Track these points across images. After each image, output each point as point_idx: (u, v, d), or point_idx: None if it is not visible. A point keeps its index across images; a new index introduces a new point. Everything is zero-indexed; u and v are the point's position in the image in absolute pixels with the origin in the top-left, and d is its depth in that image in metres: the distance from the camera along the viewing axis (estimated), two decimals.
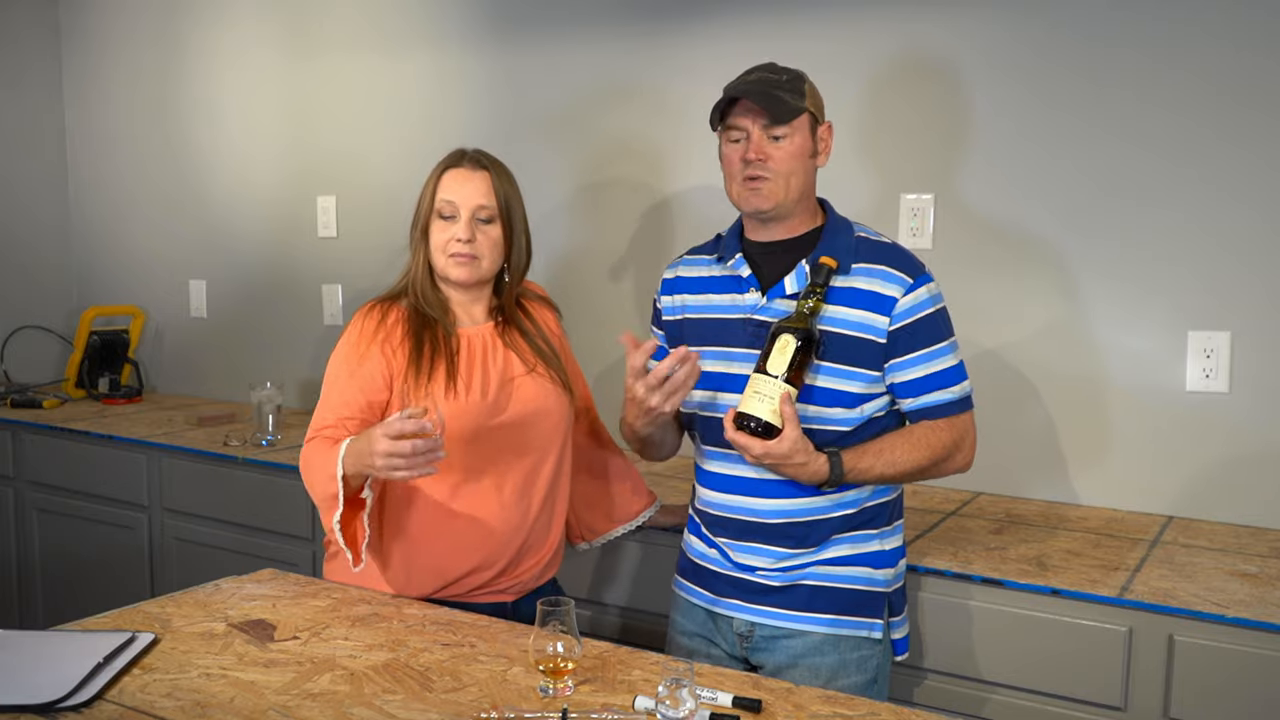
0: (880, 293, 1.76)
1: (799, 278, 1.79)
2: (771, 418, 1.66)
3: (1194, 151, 2.29)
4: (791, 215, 1.82)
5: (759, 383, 1.67)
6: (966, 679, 2.00)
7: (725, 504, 1.84)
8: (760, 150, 1.77)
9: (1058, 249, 2.43)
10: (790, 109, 1.77)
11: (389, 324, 1.95)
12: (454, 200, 1.95)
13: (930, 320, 1.77)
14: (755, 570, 1.81)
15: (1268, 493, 2.27)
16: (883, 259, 1.78)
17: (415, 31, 3.29)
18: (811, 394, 1.75)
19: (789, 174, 1.78)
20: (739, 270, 1.84)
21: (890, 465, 1.76)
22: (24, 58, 4.01)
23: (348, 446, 1.75)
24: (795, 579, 1.80)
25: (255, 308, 3.72)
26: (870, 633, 1.81)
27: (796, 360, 1.66)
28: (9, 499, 3.47)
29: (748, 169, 1.78)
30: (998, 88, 2.47)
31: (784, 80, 1.80)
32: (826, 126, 1.85)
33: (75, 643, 1.59)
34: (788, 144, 1.78)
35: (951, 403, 1.80)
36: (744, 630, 1.84)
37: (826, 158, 1.85)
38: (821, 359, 1.75)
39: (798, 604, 1.80)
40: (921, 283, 1.77)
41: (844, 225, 1.84)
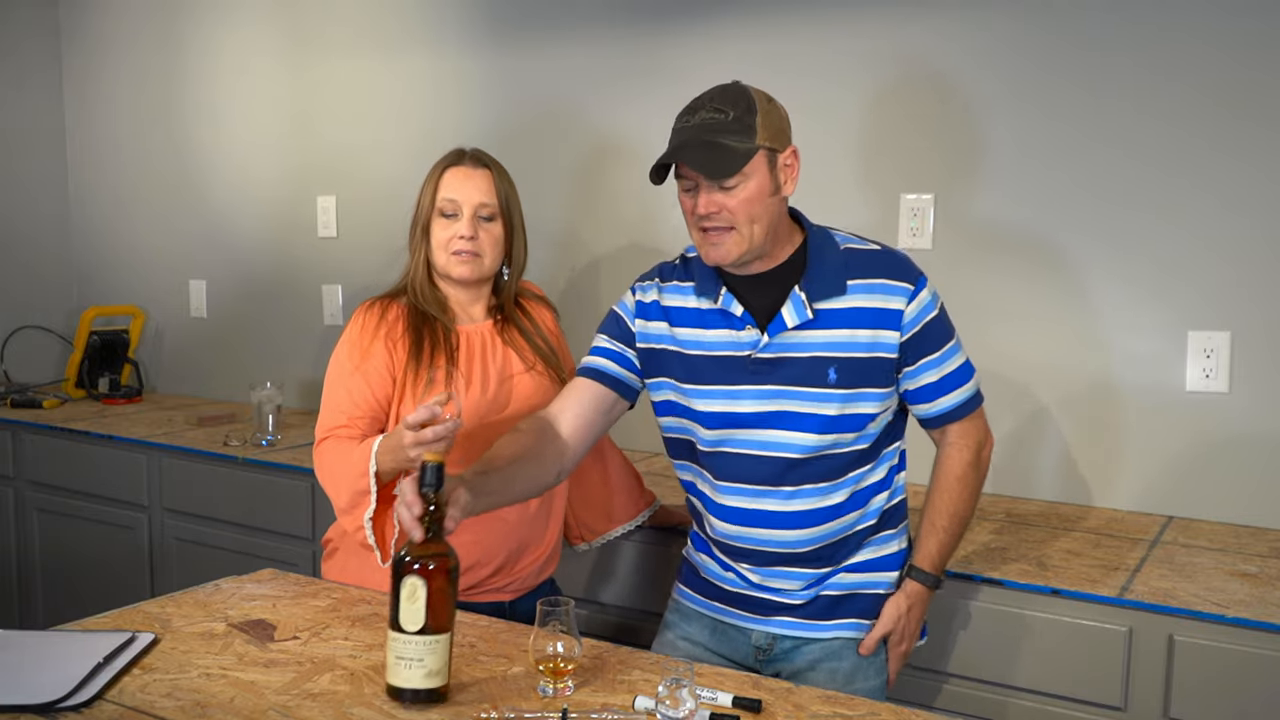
0: (885, 307, 1.70)
1: (797, 308, 1.69)
2: (429, 680, 1.39)
3: (1194, 152, 2.29)
4: (765, 253, 1.71)
5: (398, 645, 1.39)
6: (966, 679, 2.00)
7: (748, 536, 1.76)
8: (711, 203, 1.64)
9: (1058, 249, 2.43)
10: (736, 157, 1.61)
11: (389, 320, 1.95)
12: (456, 198, 1.95)
13: (937, 323, 1.74)
14: (779, 592, 1.79)
15: (1268, 493, 2.27)
16: (878, 270, 1.72)
17: (415, 32, 3.29)
18: (832, 423, 1.70)
19: (750, 221, 1.64)
20: (730, 308, 1.73)
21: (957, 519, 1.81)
22: (24, 58, 4.01)
23: (381, 443, 1.76)
24: (816, 592, 1.78)
25: (255, 308, 3.72)
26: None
27: (434, 601, 1.38)
28: (9, 499, 3.47)
29: (703, 222, 1.66)
30: (997, 89, 2.47)
31: (729, 120, 1.63)
32: (790, 152, 1.68)
33: (75, 643, 1.59)
34: (741, 191, 1.63)
35: (969, 400, 1.78)
36: (764, 643, 1.81)
37: (794, 185, 1.69)
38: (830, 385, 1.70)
39: (819, 614, 1.78)
40: (921, 286, 1.72)
41: (827, 242, 1.74)
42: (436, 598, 1.38)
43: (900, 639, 1.79)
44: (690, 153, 1.64)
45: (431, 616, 1.38)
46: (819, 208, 2.62)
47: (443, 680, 1.41)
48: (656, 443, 2.91)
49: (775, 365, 1.71)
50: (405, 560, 1.38)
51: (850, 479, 1.74)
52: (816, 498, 1.73)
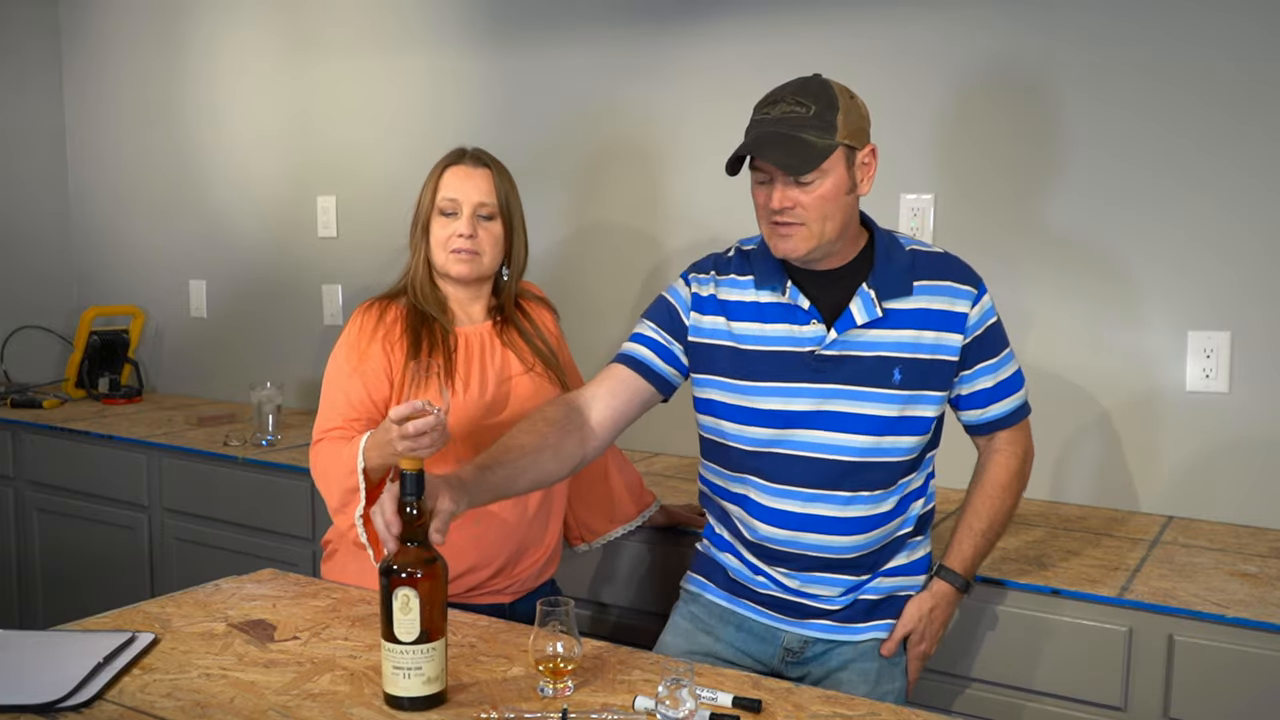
0: (950, 310, 1.70)
1: (867, 306, 1.67)
2: (429, 687, 1.39)
3: (1199, 150, 2.29)
4: (835, 251, 1.69)
5: (395, 656, 1.38)
6: (967, 679, 2.00)
7: (794, 541, 1.73)
8: (786, 198, 1.61)
9: (1058, 249, 2.43)
10: (816, 154, 1.59)
11: (388, 321, 1.95)
12: (456, 197, 1.95)
13: (996, 328, 1.76)
14: (817, 597, 1.77)
15: (1268, 493, 2.27)
16: (943, 273, 1.72)
17: (415, 32, 3.29)
18: (890, 424, 1.68)
19: (823, 218, 1.62)
20: (797, 301, 1.69)
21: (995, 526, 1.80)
22: (24, 58, 4.01)
23: (369, 439, 1.76)
24: (854, 597, 1.78)
25: (255, 308, 3.72)
26: None
27: (427, 609, 1.37)
28: (9, 499, 3.47)
29: (774, 215, 1.63)
30: (997, 89, 2.47)
31: (810, 115, 1.60)
32: (869, 150, 1.67)
33: (75, 643, 1.59)
34: (817, 188, 1.61)
35: (1019, 409, 1.80)
36: (795, 645, 1.79)
37: (870, 184, 1.67)
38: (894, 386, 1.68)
39: (855, 617, 1.78)
40: (984, 291, 1.74)
41: (893, 242, 1.74)
42: (429, 605, 1.37)
43: (920, 639, 1.78)
44: (769, 148, 1.61)
45: (426, 624, 1.37)
46: None
47: (441, 684, 1.41)
48: (656, 443, 2.92)
49: (838, 363, 1.68)
50: (394, 572, 1.38)
51: (901, 485, 1.74)
52: (870, 505, 1.72)
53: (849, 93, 1.66)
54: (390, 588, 1.37)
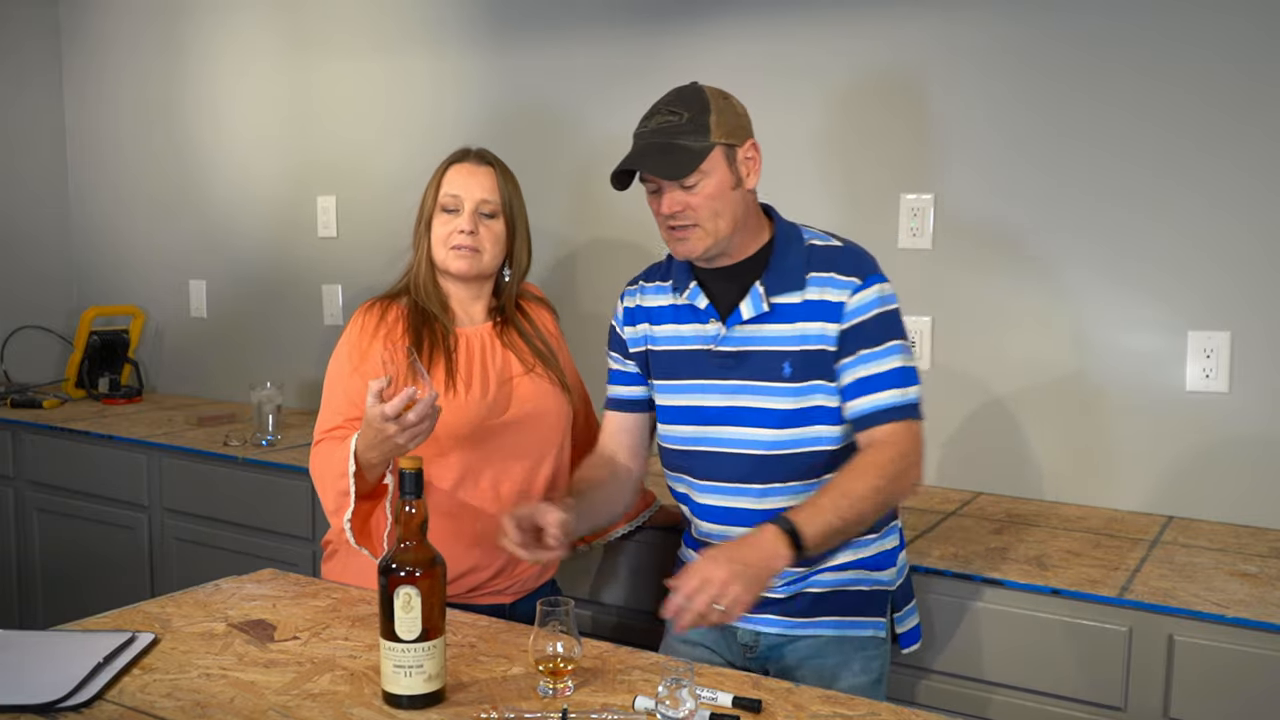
0: (829, 300, 1.71)
1: (754, 301, 1.73)
2: (429, 685, 1.39)
3: (1198, 151, 2.29)
4: (732, 248, 1.75)
5: (395, 654, 1.39)
6: (967, 679, 2.00)
7: (724, 534, 1.78)
8: (675, 203, 1.70)
9: (1058, 249, 2.43)
10: (692, 157, 1.67)
11: (389, 321, 1.95)
12: (458, 194, 1.95)
13: (877, 320, 1.71)
14: None
15: (1268, 493, 2.27)
16: (832, 265, 1.73)
17: (415, 32, 3.29)
18: (790, 418, 1.72)
19: (714, 216, 1.70)
20: (695, 301, 1.79)
21: (849, 501, 1.60)
22: (24, 58, 4.01)
23: (359, 440, 1.76)
24: (797, 589, 1.79)
25: (255, 308, 3.72)
26: (875, 632, 1.80)
27: (428, 607, 1.38)
28: (9, 499, 3.47)
29: (669, 220, 1.72)
30: (997, 89, 2.47)
31: (684, 121, 1.68)
32: (749, 146, 1.73)
33: (75, 643, 1.59)
34: (702, 189, 1.68)
35: (896, 407, 1.69)
36: (749, 640, 1.82)
37: (756, 178, 1.74)
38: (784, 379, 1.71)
39: (801, 611, 1.79)
40: (871, 283, 1.71)
41: (793, 237, 1.77)
42: (430, 603, 1.38)
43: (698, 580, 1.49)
44: (648, 158, 1.70)
45: (426, 622, 1.38)
46: (818, 207, 2.63)
47: (441, 683, 1.41)
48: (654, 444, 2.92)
49: (738, 359, 1.75)
50: (394, 570, 1.38)
51: (827, 479, 1.72)
52: (788, 496, 1.74)
53: (723, 94, 1.74)
54: (390, 587, 1.37)
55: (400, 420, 1.65)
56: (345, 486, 1.78)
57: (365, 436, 1.73)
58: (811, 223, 1.85)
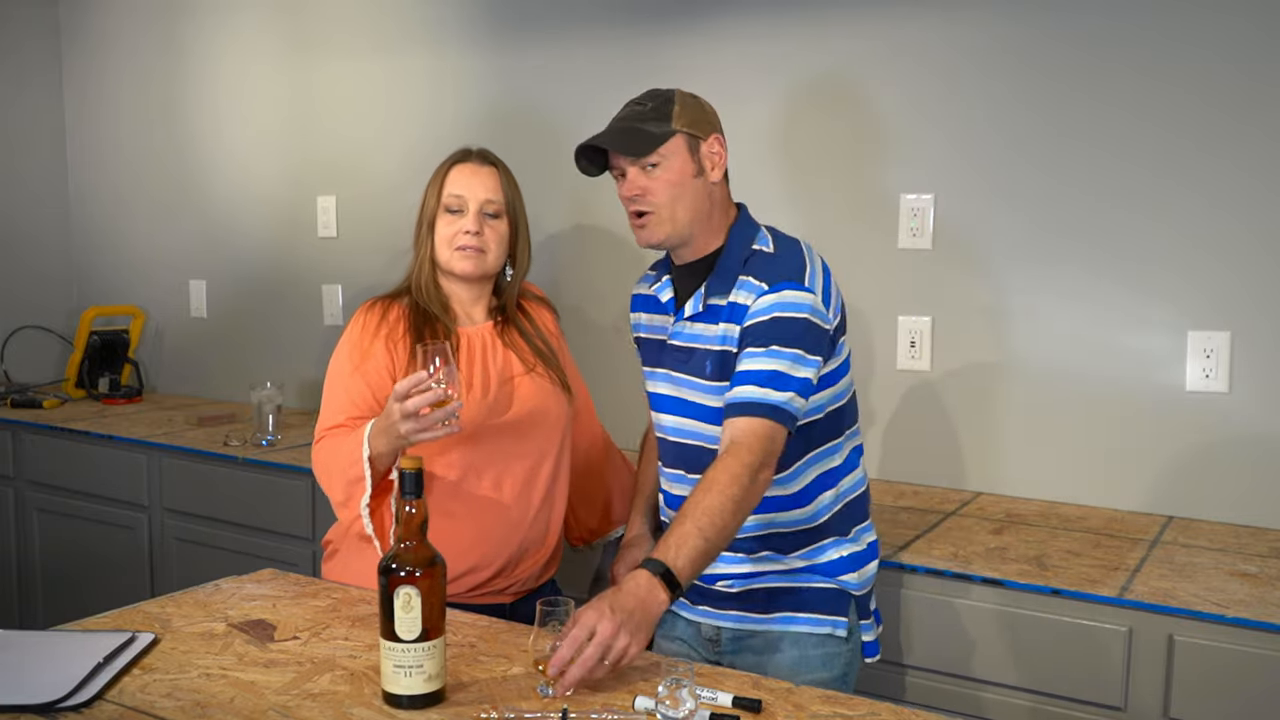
0: (739, 303, 1.73)
1: (695, 300, 1.78)
2: (429, 685, 1.39)
3: (1198, 151, 2.29)
4: (693, 239, 1.78)
5: (396, 654, 1.38)
6: (967, 679, 2.00)
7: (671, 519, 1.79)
8: (636, 185, 1.75)
9: (1058, 249, 2.43)
10: (652, 139, 1.73)
11: (391, 320, 1.95)
12: (462, 194, 1.95)
13: (769, 324, 1.67)
14: (715, 580, 1.81)
15: (1268, 493, 2.27)
16: (758, 271, 1.71)
17: (414, 33, 3.29)
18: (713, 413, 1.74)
19: (672, 202, 1.73)
20: (660, 294, 1.87)
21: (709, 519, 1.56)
22: (24, 58, 4.01)
23: (374, 425, 1.78)
24: (751, 583, 1.80)
25: (255, 308, 3.72)
26: (834, 630, 1.78)
27: (428, 607, 1.37)
28: (9, 499, 3.47)
29: (630, 205, 1.77)
30: (998, 90, 2.47)
31: (648, 109, 1.76)
32: (714, 140, 1.76)
33: (75, 643, 1.59)
34: (663, 173, 1.73)
35: (755, 403, 1.63)
36: (712, 634, 1.85)
37: (719, 171, 1.77)
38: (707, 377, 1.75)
39: (756, 606, 1.80)
40: (779, 289, 1.68)
41: (744, 240, 1.77)
42: (430, 603, 1.38)
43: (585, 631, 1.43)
44: (610, 137, 1.77)
45: (426, 622, 1.38)
46: (818, 208, 2.63)
47: (441, 682, 1.41)
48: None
49: (686, 354, 1.80)
50: (394, 570, 1.38)
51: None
52: None
53: (691, 95, 1.81)
54: (390, 587, 1.37)
55: (404, 405, 1.66)
56: (358, 473, 1.80)
57: (380, 420, 1.76)
58: (811, 223, 1.85)
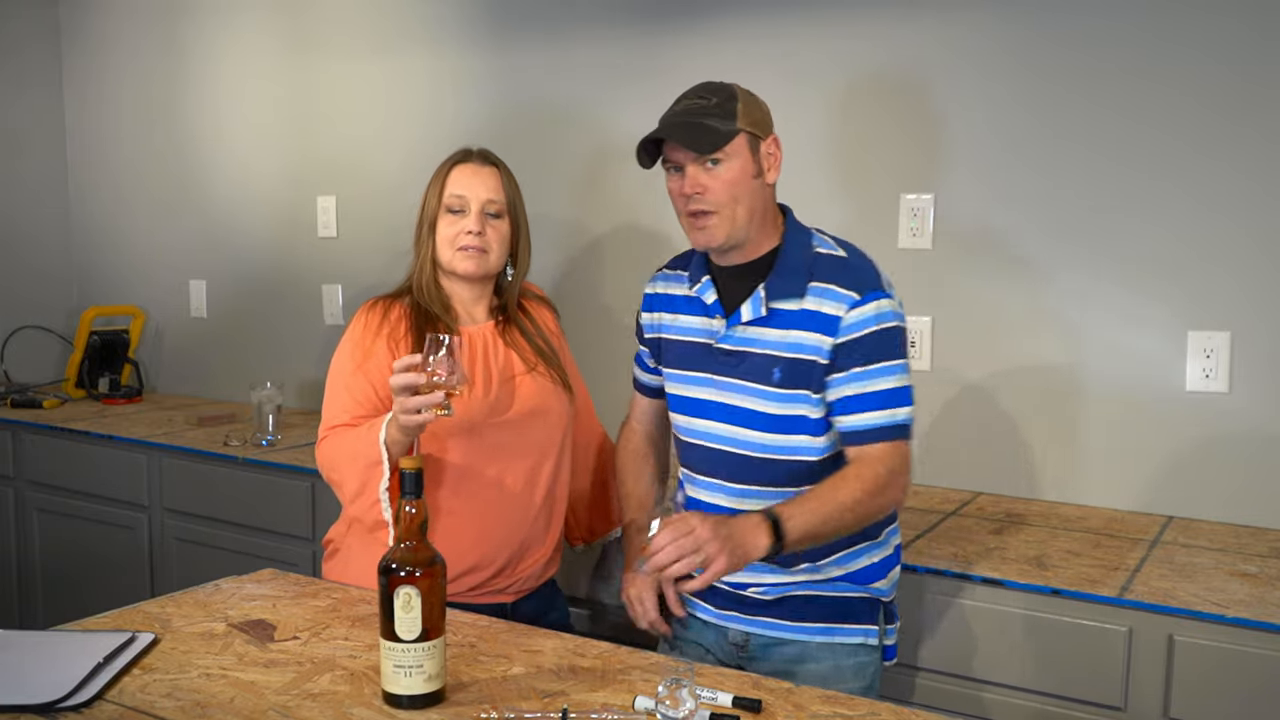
0: (826, 312, 1.69)
1: (754, 304, 1.74)
2: (429, 685, 1.39)
3: (1196, 150, 2.29)
4: (747, 241, 1.75)
5: (396, 654, 1.38)
6: (967, 679, 2.00)
7: None
8: (696, 183, 1.70)
9: (1058, 249, 2.43)
10: (718, 136, 1.68)
11: (392, 319, 1.96)
12: (463, 194, 1.95)
13: (875, 337, 1.68)
14: (746, 587, 1.80)
15: (1268, 493, 2.27)
16: (835, 277, 1.71)
17: (415, 32, 3.29)
18: (774, 423, 1.73)
19: (733, 202, 1.70)
20: (704, 295, 1.81)
21: (831, 509, 1.61)
22: (24, 58, 4.01)
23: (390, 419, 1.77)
24: (787, 591, 1.79)
25: (255, 308, 3.72)
26: (866, 639, 1.80)
27: (428, 607, 1.38)
28: (9, 499, 3.47)
29: (689, 204, 1.72)
30: (997, 90, 2.47)
31: (712, 105, 1.71)
32: (772, 141, 1.75)
33: (75, 643, 1.59)
34: (724, 171, 1.69)
35: (884, 427, 1.68)
36: (739, 640, 1.83)
37: (776, 173, 1.76)
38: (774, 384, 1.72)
39: (791, 614, 1.79)
40: (870, 299, 1.69)
41: (801, 243, 1.76)
42: (430, 603, 1.38)
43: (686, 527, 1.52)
44: (676, 130, 1.71)
45: (426, 622, 1.38)
46: (818, 207, 2.63)
47: (441, 682, 1.41)
48: None
49: (737, 358, 1.76)
50: (394, 570, 1.38)
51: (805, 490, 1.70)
52: (765, 501, 1.70)
53: (748, 91, 1.77)
54: (390, 587, 1.37)
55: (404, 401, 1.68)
56: (375, 456, 1.79)
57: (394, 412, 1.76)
58: (811, 222, 1.84)
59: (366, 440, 1.82)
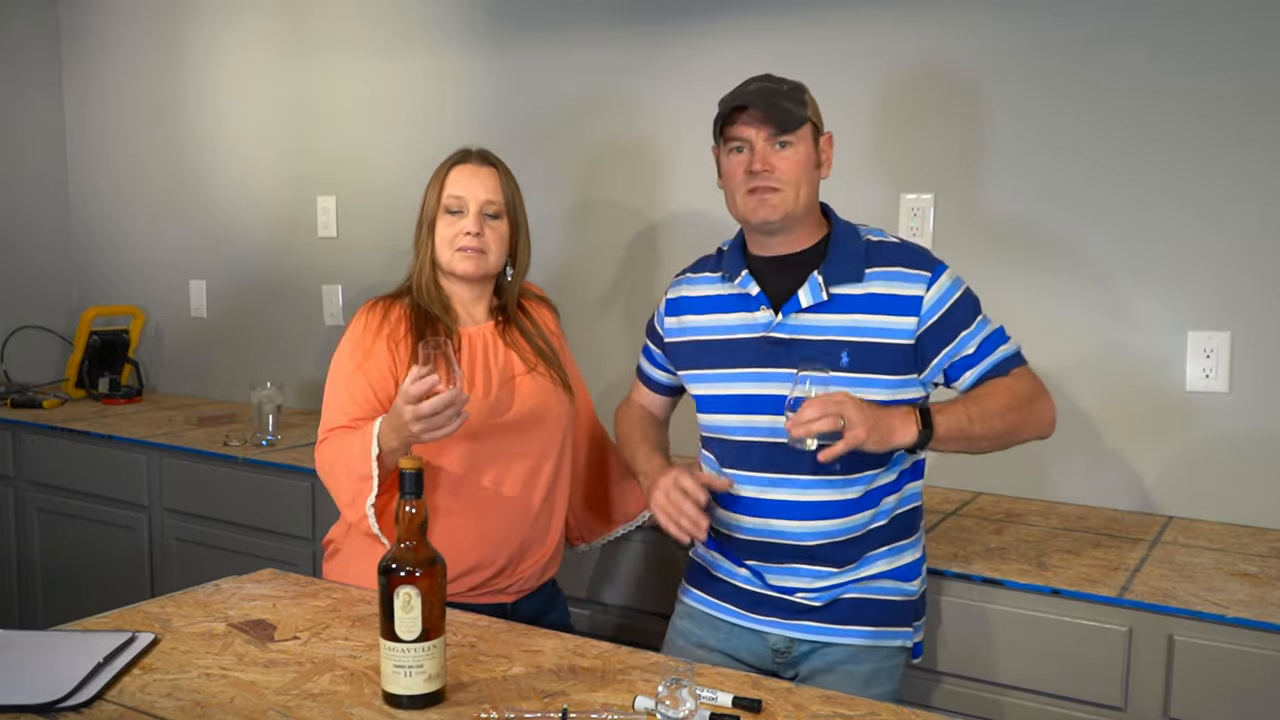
0: (901, 294, 1.73)
1: (813, 290, 1.75)
2: (429, 685, 1.39)
3: (1196, 151, 2.29)
4: (797, 227, 1.78)
5: (396, 654, 1.38)
6: (966, 679, 2.00)
7: (757, 528, 1.79)
8: (766, 160, 1.73)
9: (1058, 250, 2.43)
10: (795, 118, 1.73)
11: (392, 320, 1.96)
12: (462, 195, 1.95)
13: (964, 301, 1.77)
14: (794, 591, 1.79)
15: (1268, 493, 2.27)
16: (897, 260, 1.76)
17: (415, 32, 3.29)
18: None
19: (797, 183, 1.74)
20: (747, 288, 1.81)
21: (981, 410, 1.68)
22: (24, 58, 4.01)
23: (383, 422, 1.77)
24: (834, 595, 1.79)
25: (255, 308, 3.72)
26: (904, 642, 1.81)
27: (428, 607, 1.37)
28: (9, 499, 3.47)
29: (753, 180, 1.73)
30: (997, 90, 2.47)
31: (785, 89, 1.76)
32: (827, 137, 1.82)
33: (75, 643, 1.59)
34: (793, 153, 1.74)
35: (1009, 357, 1.78)
36: (781, 646, 1.81)
37: (829, 169, 1.82)
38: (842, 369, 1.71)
39: (838, 619, 1.79)
40: (940, 272, 1.76)
41: (851, 232, 1.81)
42: (430, 603, 1.38)
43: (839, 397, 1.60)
44: (761, 103, 1.72)
45: (426, 622, 1.38)
46: None
47: (441, 682, 1.41)
48: None
49: (789, 347, 1.75)
50: (394, 570, 1.38)
51: (865, 477, 1.75)
52: (831, 490, 1.74)
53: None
54: (390, 587, 1.38)
55: (418, 407, 1.66)
56: (366, 470, 1.79)
57: (389, 419, 1.76)
58: None
59: (360, 454, 1.81)
